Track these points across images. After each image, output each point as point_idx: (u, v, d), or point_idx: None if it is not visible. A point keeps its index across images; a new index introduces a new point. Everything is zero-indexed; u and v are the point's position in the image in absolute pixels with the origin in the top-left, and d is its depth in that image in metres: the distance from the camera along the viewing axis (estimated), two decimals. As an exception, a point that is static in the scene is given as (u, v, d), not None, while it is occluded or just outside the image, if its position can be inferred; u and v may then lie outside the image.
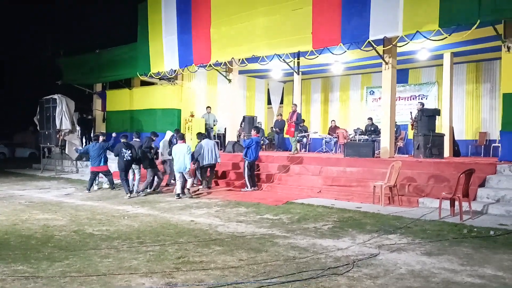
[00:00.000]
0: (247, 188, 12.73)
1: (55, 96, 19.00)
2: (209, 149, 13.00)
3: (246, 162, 12.79)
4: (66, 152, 19.07)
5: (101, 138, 13.74)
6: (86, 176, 15.49)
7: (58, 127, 18.66)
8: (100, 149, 13.32)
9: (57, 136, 18.75)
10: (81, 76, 21.67)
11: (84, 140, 20.82)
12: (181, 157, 11.93)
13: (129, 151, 12.58)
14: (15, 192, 13.09)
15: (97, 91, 22.23)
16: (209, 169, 13.38)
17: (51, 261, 5.86)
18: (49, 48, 30.13)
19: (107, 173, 13.65)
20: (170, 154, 12.81)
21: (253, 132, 13.21)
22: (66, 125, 18.73)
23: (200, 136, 13.56)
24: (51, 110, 18.90)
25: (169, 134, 14.08)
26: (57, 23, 37.88)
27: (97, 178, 13.70)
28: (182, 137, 12.43)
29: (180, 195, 11.82)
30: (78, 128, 19.77)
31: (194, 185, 13.22)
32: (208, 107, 17.97)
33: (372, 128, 15.93)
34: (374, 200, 10.52)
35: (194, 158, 12.84)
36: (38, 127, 20.15)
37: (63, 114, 18.68)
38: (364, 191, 11.28)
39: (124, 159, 12.54)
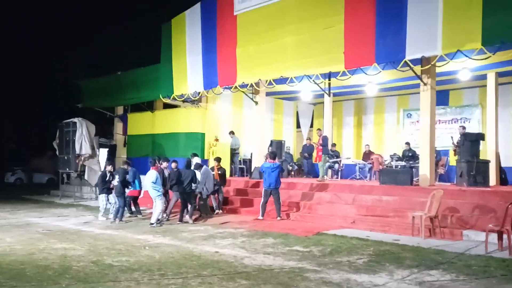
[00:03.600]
0: (260, 216, 12.92)
1: (75, 120, 19.45)
2: (211, 176, 13.81)
3: (263, 190, 13.10)
4: (86, 178, 19.40)
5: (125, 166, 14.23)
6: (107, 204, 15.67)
7: (77, 151, 19.00)
8: (134, 174, 14.02)
9: (77, 161, 19.11)
10: (102, 98, 22.22)
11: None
12: (148, 184, 12.74)
13: (117, 176, 13.35)
14: (32, 220, 13.36)
15: (118, 114, 22.71)
16: (215, 195, 14.24)
17: (68, 294, 5.92)
18: (69, 70, 31.12)
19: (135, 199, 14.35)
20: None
21: (268, 158, 13.43)
22: (86, 149, 19.05)
23: (218, 160, 14.55)
24: (71, 134, 19.32)
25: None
26: (78, 45, 39.16)
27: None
28: (154, 163, 13.21)
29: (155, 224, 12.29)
30: (98, 153, 20.11)
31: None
32: (231, 131, 18.15)
33: (410, 154, 15.75)
34: (413, 232, 10.33)
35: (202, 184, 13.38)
36: (57, 152, 20.60)
37: (83, 138, 19.04)
38: (402, 222, 11.09)
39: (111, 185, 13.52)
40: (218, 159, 14.69)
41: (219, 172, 14.37)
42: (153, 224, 12.23)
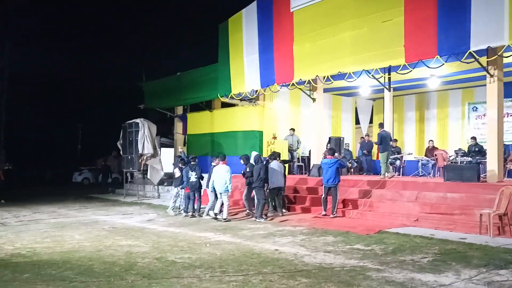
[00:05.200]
0: (322, 212, 12.92)
1: (138, 120, 20.09)
2: (278, 171, 13.54)
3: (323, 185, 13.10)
4: (148, 176, 20.02)
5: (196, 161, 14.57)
6: (168, 202, 16.12)
7: (140, 151, 19.62)
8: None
9: (139, 160, 19.75)
10: (162, 99, 22.91)
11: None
12: (221, 179, 12.91)
13: (194, 173, 13.72)
14: (99, 218, 13.94)
15: (178, 114, 23.26)
16: (279, 193, 13.75)
17: (134, 289, 6.14)
18: (132, 72, 32.16)
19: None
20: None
21: (326, 155, 13.35)
22: (148, 149, 19.66)
23: (271, 156, 14.11)
24: (134, 135, 19.99)
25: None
26: (139, 48, 40.46)
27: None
28: (224, 158, 13.59)
29: (217, 215, 12.88)
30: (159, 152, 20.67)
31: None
32: (292, 129, 18.12)
33: (477, 149, 15.15)
34: (481, 230, 9.94)
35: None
36: (121, 152, 21.37)
37: (145, 138, 19.66)
38: (468, 220, 10.70)
39: (190, 180, 13.78)
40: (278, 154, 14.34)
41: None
42: (226, 219, 12.63)
